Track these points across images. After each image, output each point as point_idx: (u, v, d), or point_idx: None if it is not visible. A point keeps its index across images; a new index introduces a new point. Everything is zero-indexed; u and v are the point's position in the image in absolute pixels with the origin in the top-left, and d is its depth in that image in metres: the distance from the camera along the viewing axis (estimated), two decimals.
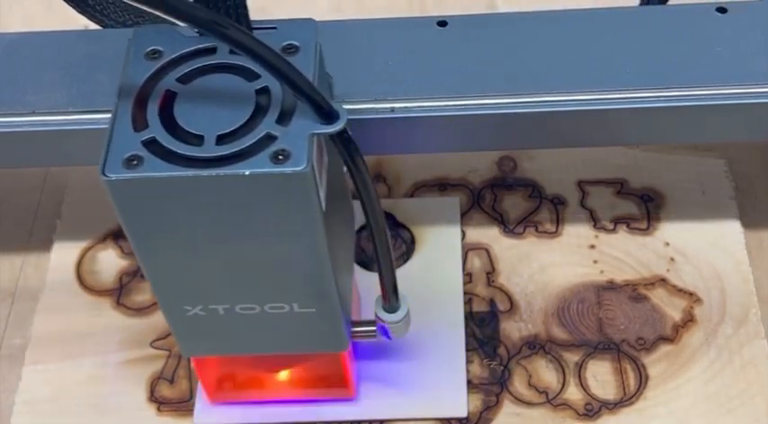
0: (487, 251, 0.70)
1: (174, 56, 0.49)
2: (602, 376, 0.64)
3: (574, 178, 0.73)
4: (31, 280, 0.71)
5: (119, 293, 0.69)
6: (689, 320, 0.66)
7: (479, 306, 0.67)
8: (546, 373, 0.64)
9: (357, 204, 0.53)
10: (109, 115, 0.48)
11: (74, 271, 0.71)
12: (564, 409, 0.63)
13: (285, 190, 0.47)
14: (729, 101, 0.58)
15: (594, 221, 0.71)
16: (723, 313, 0.66)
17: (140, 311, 0.68)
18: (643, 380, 0.63)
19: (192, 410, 0.64)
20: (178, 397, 0.65)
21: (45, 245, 0.72)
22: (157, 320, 0.68)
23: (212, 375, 0.62)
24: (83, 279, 0.70)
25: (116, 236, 0.72)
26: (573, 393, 0.63)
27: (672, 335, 0.65)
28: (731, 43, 0.60)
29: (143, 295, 0.69)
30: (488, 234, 0.70)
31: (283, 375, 0.62)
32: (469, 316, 0.67)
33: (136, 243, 0.50)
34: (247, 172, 0.45)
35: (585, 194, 0.72)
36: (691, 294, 0.67)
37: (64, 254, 0.71)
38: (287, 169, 0.45)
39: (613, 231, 0.70)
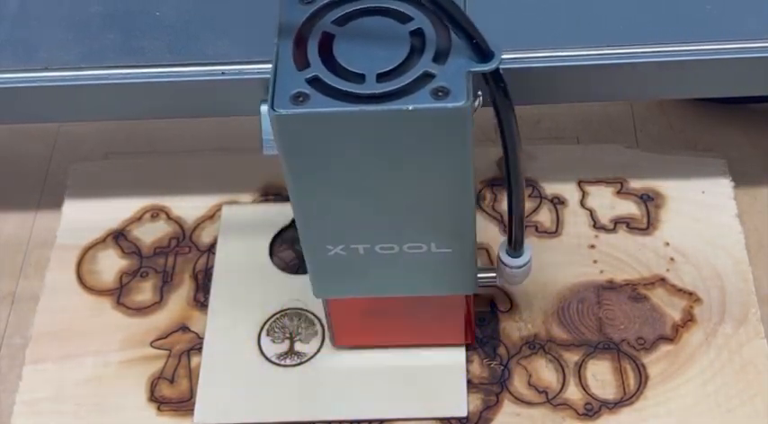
0: (487, 252, 0.70)
1: (327, 0, 0.52)
2: (601, 376, 0.64)
3: (574, 178, 0.73)
4: (31, 280, 0.71)
5: (119, 293, 0.69)
6: (689, 320, 0.66)
7: (479, 306, 0.67)
8: (546, 373, 0.64)
9: None
10: (120, 71, 0.50)
11: (74, 271, 0.71)
12: (564, 408, 0.63)
13: (444, 126, 0.49)
14: (718, 56, 0.59)
15: (594, 221, 0.71)
16: (723, 312, 0.66)
17: (140, 311, 0.69)
18: (643, 380, 0.63)
19: (192, 410, 0.64)
20: (178, 397, 0.65)
21: (45, 245, 0.72)
22: (157, 320, 0.68)
23: (342, 319, 0.63)
24: (83, 279, 0.70)
25: (116, 236, 0.72)
26: (573, 393, 0.63)
27: (672, 335, 0.65)
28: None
29: (143, 295, 0.69)
30: (488, 234, 0.70)
31: (407, 319, 0.63)
32: None
33: (293, 180, 0.52)
34: (410, 107, 0.48)
35: (585, 194, 0.72)
36: (690, 293, 0.67)
37: (64, 254, 0.71)
38: (448, 104, 0.48)
39: (613, 231, 0.70)
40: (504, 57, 0.49)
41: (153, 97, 0.61)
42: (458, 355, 0.65)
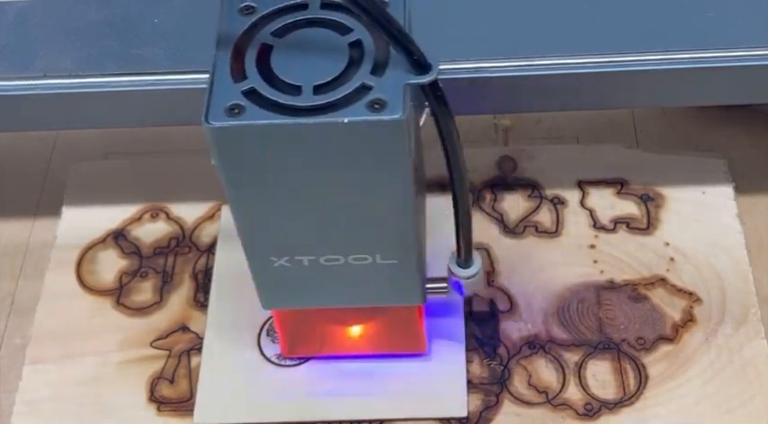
0: (487, 252, 0.70)
1: (267, 11, 0.51)
2: (602, 376, 0.64)
3: (574, 178, 0.73)
4: (31, 280, 0.71)
5: (119, 293, 0.69)
6: (689, 320, 0.66)
7: (479, 306, 0.67)
8: (546, 373, 0.64)
9: None
10: (116, 79, 0.49)
11: (74, 271, 0.71)
12: (564, 409, 0.63)
13: (381, 139, 0.48)
14: (720, 64, 0.59)
15: (594, 221, 0.71)
16: (723, 312, 0.66)
17: (140, 311, 0.68)
18: (643, 380, 0.63)
19: (192, 410, 0.64)
20: (178, 397, 0.65)
21: (45, 245, 0.72)
22: (157, 320, 0.68)
23: (290, 329, 0.63)
24: (83, 279, 0.70)
25: (116, 236, 0.72)
26: (573, 393, 0.63)
27: (672, 335, 0.65)
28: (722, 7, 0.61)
29: (143, 295, 0.69)
30: (488, 234, 0.70)
31: (357, 330, 0.63)
32: (469, 316, 0.66)
33: (231, 192, 0.51)
34: (346, 120, 0.47)
35: (585, 194, 0.72)
36: (690, 294, 0.67)
37: (64, 254, 0.71)
38: (384, 117, 0.47)
39: (613, 231, 0.70)
40: (443, 67, 0.49)
41: (151, 104, 0.61)
42: (458, 355, 0.65)
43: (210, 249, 0.71)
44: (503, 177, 0.74)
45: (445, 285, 0.60)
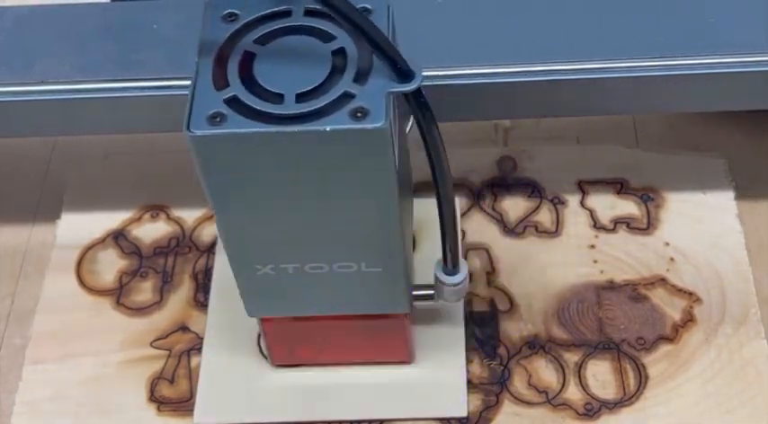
0: (487, 252, 0.70)
1: (250, 18, 0.51)
2: (602, 376, 0.64)
3: (574, 178, 0.73)
4: (30, 280, 0.71)
5: (119, 293, 0.69)
6: (689, 320, 0.66)
7: (479, 306, 0.67)
8: (546, 373, 0.64)
9: None
10: (115, 85, 0.50)
11: (74, 271, 0.71)
12: (564, 408, 0.63)
13: (363, 147, 0.48)
14: (722, 70, 0.59)
15: (594, 221, 0.71)
16: (723, 312, 0.66)
17: (140, 311, 0.68)
18: (643, 380, 0.63)
19: (192, 410, 0.64)
20: (178, 397, 0.65)
21: (45, 245, 0.72)
22: (157, 320, 0.68)
23: (277, 338, 0.63)
24: (83, 279, 0.70)
25: (116, 236, 0.72)
26: (573, 393, 0.63)
27: (672, 335, 0.65)
28: (724, 13, 0.61)
29: (143, 295, 0.69)
30: (488, 234, 0.70)
31: (344, 338, 0.63)
32: (469, 316, 0.66)
33: (215, 200, 0.51)
34: (328, 129, 0.47)
35: (585, 194, 0.72)
36: (690, 294, 0.67)
37: (64, 254, 0.71)
38: (366, 125, 0.47)
39: (613, 231, 0.70)
40: (429, 74, 0.49)
41: (150, 111, 0.61)
42: (458, 355, 0.65)
43: (210, 249, 0.71)
44: (503, 177, 0.74)
45: (431, 292, 0.60)
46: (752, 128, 0.75)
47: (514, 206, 0.72)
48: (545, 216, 0.71)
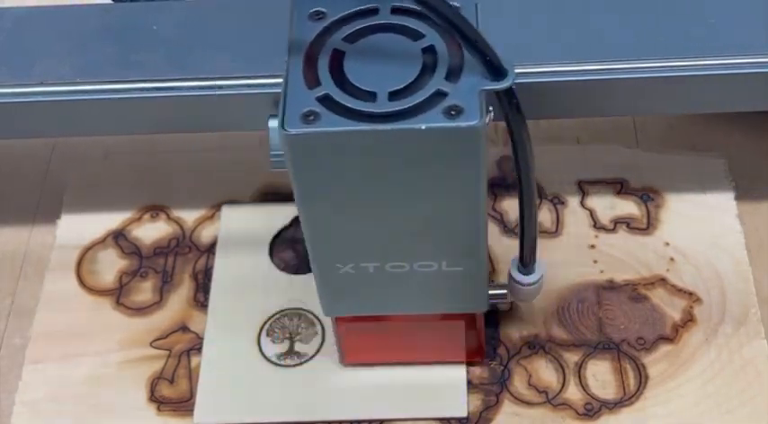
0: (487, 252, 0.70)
1: (337, 16, 0.51)
2: (601, 376, 0.64)
3: (574, 178, 0.73)
4: (30, 280, 0.71)
5: (119, 293, 0.69)
6: (689, 320, 0.66)
7: None
8: (546, 373, 0.64)
9: None
10: (115, 86, 0.50)
11: (74, 271, 0.71)
12: (564, 408, 0.63)
13: (456, 145, 0.48)
14: (722, 72, 0.59)
15: (594, 221, 0.71)
16: (723, 312, 0.66)
17: (140, 311, 0.68)
18: (643, 380, 0.63)
19: (192, 410, 0.64)
20: (178, 397, 0.65)
21: (45, 245, 0.72)
22: (157, 320, 0.68)
23: (350, 337, 0.62)
24: (83, 279, 0.70)
25: (116, 236, 0.72)
26: (573, 393, 0.63)
27: (672, 335, 0.65)
28: (724, 14, 0.61)
29: (143, 295, 0.69)
30: (488, 234, 0.70)
31: (417, 338, 0.63)
32: None
33: (303, 199, 0.51)
34: (423, 127, 0.47)
35: (585, 194, 0.72)
36: (690, 294, 0.67)
37: (64, 254, 0.71)
38: (461, 123, 0.47)
39: (613, 231, 0.70)
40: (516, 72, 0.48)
41: (150, 112, 0.61)
42: None
43: (210, 249, 0.71)
44: (503, 177, 0.74)
45: (505, 291, 0.60)
46: (752, 128, 0.75)
47: (514, 206, 0.71)
48: (545, 216, 0.71)
